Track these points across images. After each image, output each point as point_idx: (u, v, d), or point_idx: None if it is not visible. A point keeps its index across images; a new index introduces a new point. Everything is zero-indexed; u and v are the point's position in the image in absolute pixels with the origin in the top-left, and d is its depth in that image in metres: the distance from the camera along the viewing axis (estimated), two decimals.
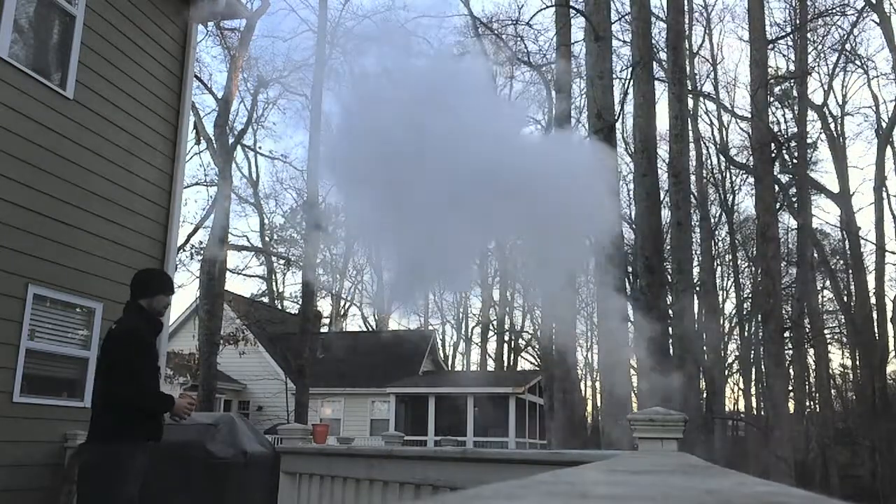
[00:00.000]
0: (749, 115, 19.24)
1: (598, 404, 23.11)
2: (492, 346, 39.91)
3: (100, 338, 7.26)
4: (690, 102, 23.20)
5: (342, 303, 37.62)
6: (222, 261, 19.76)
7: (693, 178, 22.78)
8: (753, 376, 30.45)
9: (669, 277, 16.45)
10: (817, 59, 24.95)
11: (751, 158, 20.47)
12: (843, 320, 30.08)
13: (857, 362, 29.22)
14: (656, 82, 14.57)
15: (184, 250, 21.29)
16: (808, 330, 23.11)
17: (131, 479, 3.89)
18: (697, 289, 22.02)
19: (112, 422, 3.93)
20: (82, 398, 7.11)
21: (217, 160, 21.17)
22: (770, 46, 18.07)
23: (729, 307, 32.19)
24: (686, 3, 19.93)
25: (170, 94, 8.46)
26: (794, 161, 20.86)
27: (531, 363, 37.81)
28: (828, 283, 29.29)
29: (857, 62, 26.67)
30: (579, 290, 27.91)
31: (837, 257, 29.19)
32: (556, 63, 17.23)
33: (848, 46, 25.01)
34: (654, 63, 14.47)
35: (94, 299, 7.22)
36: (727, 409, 31.41)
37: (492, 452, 3.99)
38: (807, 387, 27.17)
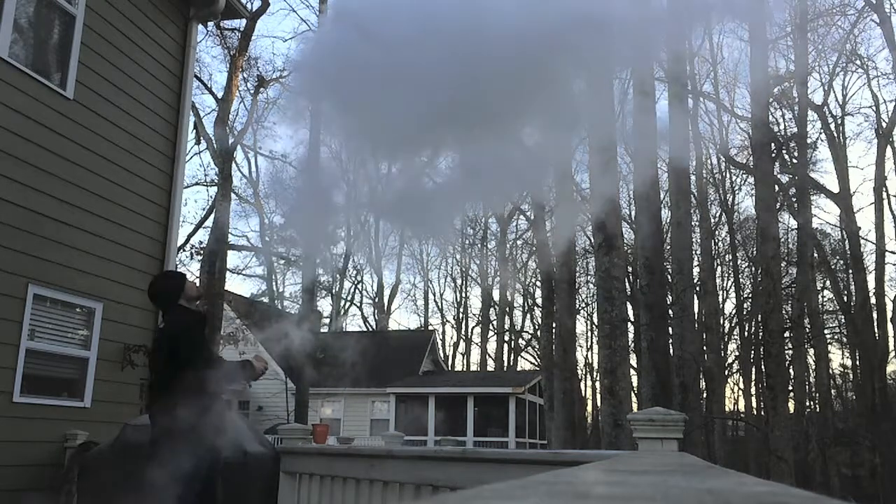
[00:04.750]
0: (749, 115, 19.23)
1: (598, 404, 23.09)
2: (492, 346, 39.90)
3: (100, 338, 7.27)
4: (690, 102, 23.18)
5: (342, 303, 37.61)
6: (222, 261, 19.75)
7: (693, 178, 22.77)
8: (753, 376, 30.41)
9: (669, 277, 16.46)
10: (817, 59, 24.92)
11: (751, 158, 20.46)
12: (843, 320, 30.05)
13: (857, 362, 29.21)
14: (656, 82, 14.54)
15: (184, 250, 21.25)
16: (808, 330, 23.10)
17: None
18: (697, 289, 22.01)
19: None
20: (82, 398, 7.11)
21: (217, 160, 21.17)
22: (770, 46, 18.06)
23: (729, 307, 32.18)
24: None
25: (170, 94, 8.46)
26: (794, 161, 20.84)
27: (531, 363, 37.77)
28: (828, 283, 29.28)
29: (857, 62, 26.66)
30: (579, 289, 27.90)
31: (837, 257, 29.16)
32: None
33: (848, 46, 24.98)
34: (654, 63, 14.45)
35: (94, 299, 7.22)
36: (727, 409, 31.40)
37: (492, 452, 3.98)
38: (807, 387, 27.15)
